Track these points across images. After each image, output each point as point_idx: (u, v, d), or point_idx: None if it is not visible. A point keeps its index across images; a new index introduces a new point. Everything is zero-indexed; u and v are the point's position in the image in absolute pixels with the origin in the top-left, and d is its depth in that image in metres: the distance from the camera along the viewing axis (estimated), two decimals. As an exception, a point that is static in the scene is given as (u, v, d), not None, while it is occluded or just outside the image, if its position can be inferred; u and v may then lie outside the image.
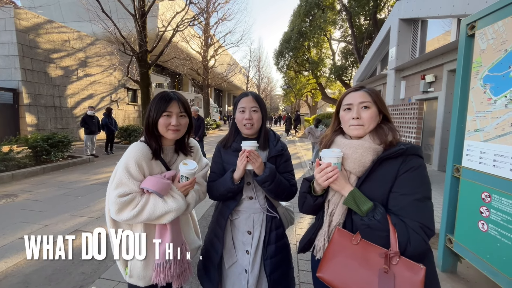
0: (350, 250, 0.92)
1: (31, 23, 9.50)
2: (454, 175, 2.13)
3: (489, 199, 1.79)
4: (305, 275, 2.35)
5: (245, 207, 1.37)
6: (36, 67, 9.64)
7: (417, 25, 7.93)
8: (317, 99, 30.39)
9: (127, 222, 1.14)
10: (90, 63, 12.22)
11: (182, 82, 27.40)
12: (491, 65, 1.81)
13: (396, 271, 0.82)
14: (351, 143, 1.00)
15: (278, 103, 62.56)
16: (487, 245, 1.79)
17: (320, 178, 0.96)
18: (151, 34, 11.88)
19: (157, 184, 1.12)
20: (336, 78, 19.04)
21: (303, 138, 16.65)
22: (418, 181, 0.89)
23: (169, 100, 1.18)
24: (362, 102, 0.99)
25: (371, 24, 14.76)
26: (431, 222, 0.87)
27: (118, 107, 13.91)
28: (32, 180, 5.54)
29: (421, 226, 0.85)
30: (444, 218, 2.20)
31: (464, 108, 2.05)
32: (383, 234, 0.86)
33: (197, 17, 13.13)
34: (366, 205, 0.89)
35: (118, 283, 2.22)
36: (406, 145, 0.93)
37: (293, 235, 3.14)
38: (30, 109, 9.41)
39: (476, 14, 1.96)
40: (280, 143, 1.42)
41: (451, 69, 5.94)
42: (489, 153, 1.80)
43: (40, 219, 3.54)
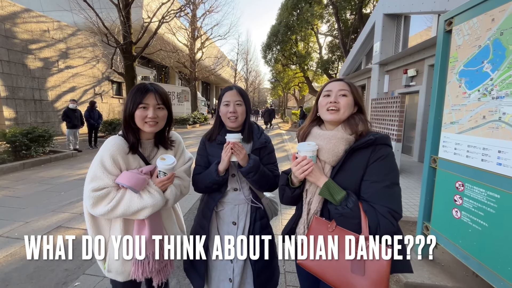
0: (327, 237, 0.97)
1: (7, 11, 8.97)
2: (431, 165, 2.23)
3: (462, 188, 1.89)
4: (291, 264, 2.42)
5: (230, 199, 1.40)
6: (13, 58, 9.16)
7: (401, 20, 8.10)
8: (305, 93, 30.61)
9: (103, 217, 1.12)
10: (72, 55, 11.73)
11: (168, 75, 26.82)
12: (466, 60, 1.88)
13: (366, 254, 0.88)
14: (325, 134, 1.05)
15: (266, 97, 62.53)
16: (460, 231, 1.90)
17: (296, 171, 1.01)
18: (136, 25, 11.50)
19: (132, 179, 1.10)
20: (322, 72, 19.20)
21: (290, 131, 16.79)
22: (387, 169, 0.95)
23: (145, 91, 1.15)
24: (341, 90, 1.05)
25: (357, 19, 14.92)
26: (399, 207, 0.94)
27: (102, 100, 13.49)
28: (11, 176, 5.33)
29: (389, 211, 0.90)
30: (422, 206, 2.30)
31: (441, 101, 2.13)
32: (355, 221, 0.91)
33: (183, 9, 12.80)
34: (340, 195, 0.94)
35: (103, 278, 2.21)
36: (375, 135, 0.98)
37: (280, 226, 3.21)
38: (8, 102, 8.97)
39: (453, 10, 2.03)
40: (264, 135, 1.46)
41: (432, 64, 6.14)
42: (463, 144, 1.89)
43: (20, 216, 3.43)
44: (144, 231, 1.17)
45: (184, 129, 16.46)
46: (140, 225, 1.18)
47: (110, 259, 1.20)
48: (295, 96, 36.63)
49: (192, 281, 1.43)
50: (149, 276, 1.22)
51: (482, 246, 1.74)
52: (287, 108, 36.37)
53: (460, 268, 2.25)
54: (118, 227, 1.18)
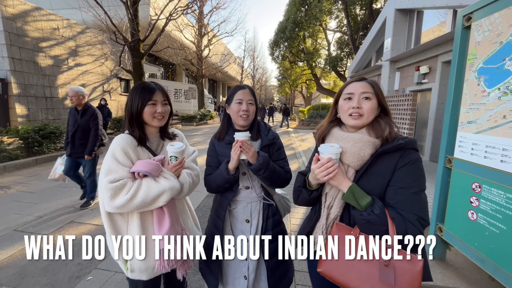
0: (350, 244, 0.94)
1: (18, 10, 9.12)
2: (446, 166, 2.17)
3: (479, 189, 1.84)
4: (299, 263, 2.41)
5: (242, 197, 1.42)
6: (24, 56, 9.33)
7: (413, 15, 7.90)
8: (312, 90, 30.32)
9: (122, 210, 1.11)
10: (81, 52, 11.88)
11: (175, 72, 26.93)
12: (486, 57, 1.82)
13: (396, 263, 0.85)
14: (349, 137, 1.00)
15: (273, 94, 62.27)
16: (476, 233, 1.85)
17: (320, 173, 0.96)
18: (144, 22, 11.56)
19: (148, 164, 1.14)
20: (331, 69, 18.95)
21: (298, 129, 16.70)
22: (415, 174, 0.91)
23: (153, 89, 1.24)
24: (364, 93, 0.99)
25: (366, 14, 14.62)
26: (426, 214, 0.90)
27: (110, 98, 13.64)
28: (25, 172, 5.46)
29: (417, 218, 0.87)
30: (435, 207, 2.25)
31: (458, 100, 2.07)
32: (382, 228, 0.88)
33: (190, 5, 12.79)
34: (365, 200, 0.91)
35: (115, 273, 2.25)
36: (404, 139, 0.94)
37: (288, 225, 3.19)
38: (20, 99, 9.16)
39: (473, 5, 1.96)
40: (272, 132, 1.47)
41: (445, 61, 5.97)
42: (481, 144, 1.83)
43: (34, 211, 3.51)
44: (165, 220, 1.19)
45: (191, 126, 16.54)
46: (160, 215, 1.20)
47: (133, 259, 1.19)
48: (302, 93, 36.32)
49: (206, 280, 1.44)
50: (174, 267, 1.24)
51: (499, 249, 1.69)
52: (294, 105, 36.17)
53: (475, 271, 2.20)
54: (136, 226, 1.19)
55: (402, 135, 0.99)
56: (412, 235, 0.86)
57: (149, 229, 1.22)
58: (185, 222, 1.39)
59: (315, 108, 19.18)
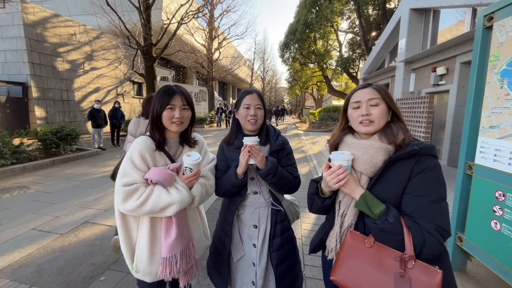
0: (364, 253, 0.90)
1: (38, 17, 9.52)
2: (467, 172, 2.08)
3: (503, 198, 1.74)
4: (311, 269, 2.36)
5: (251, 202, 1.41)
6: (44, 61, 9.71)
7: (429, 15, 7.68)
8: (323, 92, 30.05)
9: (132, 213, 1.15)
10: (96, 57, 12.26)
11: (186, 75, 27.31)
12: (510, 59, 1.73)
13: (412, 275, 0.80)
14: (361, 144, 0.98)
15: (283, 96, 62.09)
16: (500, 244, 1.76)
17: (331, 181, 0.95)
18: (156, 27, 11.79)
19: (161, 174, 1.14)
20: (342, 70, 18.69)
21: (308, 131, 16.55)
22: (432, 182, 0.87)
23: (172, 93, 1.22)
24: (371, 99, 0.97)
25: (380, 15, 14.36)
26: (447, 224, 0.85)
27: (124, 101, 13.99)
28: (43, 173, 5.65)
29: (436, 228, 0.82)
30: (455, 216, 2.16)
31: (479, 103, 1.98)
32: (398, 237, 0.84)
33: (201, 9, 12.96)
34: (379, 208, 0.87)
35: (127, 274, 2.27)
36: (419, 145, 0.90)
37: (299, 230, 3.15)
38: (39, 102, 9.53)
39: (494, 4, 1.88)
40: (281, 137, 1.46)
41: (464, 61, 5.76)
42: (505, 150, 1.74)
43: (51, 210, 3.62)
44: (172, 230, 1.19)
45: (201, 128, 16.71)
46: (168, 223, 1.20)
47: (138, 260, 1.22)
48: (313, 95, 36.05)
49: (215, 284, 1.44)
50: (176, 276, 1.23)
51: (525, 261, 1.60)
52: (305, 107, 35.90)
53: (498, 283, 2.09)
54: (145, 228, 1.21)
55: (418, 140, 0.95)
56: (430, 246, 0.82)
57: (158, 234, 1.23)
58: (193, 232, 1.38)
59: (326, 110, 18.91)
